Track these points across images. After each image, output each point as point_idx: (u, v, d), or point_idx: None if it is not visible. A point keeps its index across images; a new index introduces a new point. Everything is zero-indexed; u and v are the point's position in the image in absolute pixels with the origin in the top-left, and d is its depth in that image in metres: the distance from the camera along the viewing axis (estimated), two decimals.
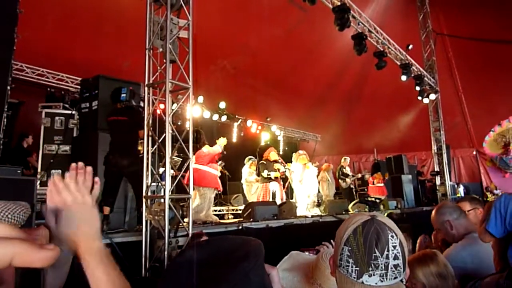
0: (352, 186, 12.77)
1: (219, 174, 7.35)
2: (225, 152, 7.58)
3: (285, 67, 13.24)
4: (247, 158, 10.50)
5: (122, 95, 5.68)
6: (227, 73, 12.03)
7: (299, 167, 9.36)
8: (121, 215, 5.56)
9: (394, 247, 1.10)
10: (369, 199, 10.48)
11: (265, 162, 8.75)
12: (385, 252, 1.08)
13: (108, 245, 4.68)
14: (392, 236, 1.11)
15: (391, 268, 1.08)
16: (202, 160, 7.03)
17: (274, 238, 6.43)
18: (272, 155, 8.94)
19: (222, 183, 7.81)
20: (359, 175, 13.46)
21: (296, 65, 13.39)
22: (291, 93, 14.58)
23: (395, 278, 1.09)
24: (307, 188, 9.28)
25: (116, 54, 9.57)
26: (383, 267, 1.08)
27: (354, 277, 1.09)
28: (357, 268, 1.09)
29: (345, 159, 13.07)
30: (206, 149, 7.10)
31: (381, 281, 1.08)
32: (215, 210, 8.97)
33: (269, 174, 8.55)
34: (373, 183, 12.44)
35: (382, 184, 12.43)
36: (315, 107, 15.76)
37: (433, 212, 2.80)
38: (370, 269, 1.08)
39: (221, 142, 7.32)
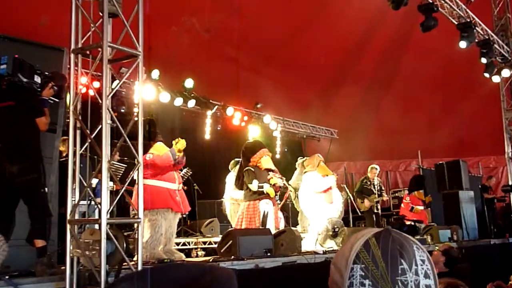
0: (377, 207, 12.79)
1: (176, 186, 7.28)
2: (182, 159, 7.42)
3: (284, 31, 13.25)
4: (233, 162, 10.41)
5: (1, 67, 5.45)
6: (197, 37, 12.00)
7: (318, 179, 9.32)
8: (32, 250, 5.48)
9: (423, 261, 1.16)
10: (406, 222, 10.57)
11: (253, 169, 8.72)
12: (414, 266, 1.13)
13: None
14: (418, 249, 1.17)
15: None
16: (145, 172, 6.97)
17: (267, 285, 6.40)
18: (265, 161, 8.89)
19: (189, 203, 7.77)
20: (386, 197, 13.26)
21: (301, 28, 13.41)
22: (293, 69, 14.58)
23: None
24: (334, 210, 9.29)
25: (27, 6, 9.49)
26: (414, 286, 1.12)
27: None
28: None
29: (372, 168, 13.01)
30: (150, 154, 7.00)
31: None
32: (177, 244, 8.92)
33: (261, 187, 8.52)
34: (411, 211, 12.52)
35: (421, 207, 12.51)
36: (328, 89, 15.81)
37: None
38: None
39: (179, 145, 7.11)
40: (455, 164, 13.68)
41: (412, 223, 10.72)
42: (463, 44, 11.74)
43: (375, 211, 12.67)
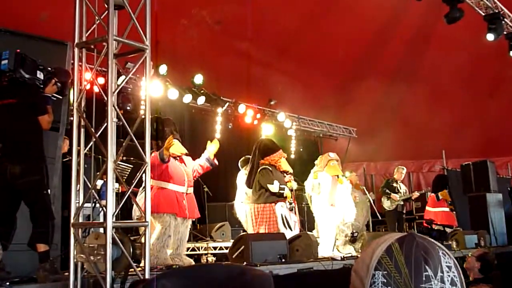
0: (401, 208, 12.80)
1: (184, 189, 7.27)
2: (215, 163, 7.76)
3: (298, 22, 13.21)
4: (243, 159, 10.36)
5: (3, 62, 5.49)
6: (206, 30, 12.01)
7: (327, 179, 9.31)
8: (34, 255, 5.52)
9: (449, 268, 1.16)
10: (435, 227, 10.51)
11: (270, 169, 8.70)
12: (439, 273, 1.14)
13: None
14: (444, 254, 1.18)
15: None
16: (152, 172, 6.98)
17: None
18: (284, 162, 8.91)
19: (198, 206, 7.79)
20: (416, 194, 13.46)
21: (317, 19, 13.37)
22: (309, 63, 14.55)
23: None
24: (338, 213, 9.26)
25: None
26: None
27: None
28: None
29: (399, 169, 13.12)
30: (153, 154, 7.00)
31: None
32: (186, 249, 8.95)
33: (282, 189, 8.50)
34: (437, 200, 12.43)
35: (447, 209, 12.45)
36: (347, 85, 15.75)
37: None
38: None
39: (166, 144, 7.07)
40: (482, 165, 13.59)
41: (442, 228, 10.64)
42: (490, 37, 11.65)
43: (399, 210, 12.68)
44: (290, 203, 8.97)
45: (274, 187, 8.43)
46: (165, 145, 6.96)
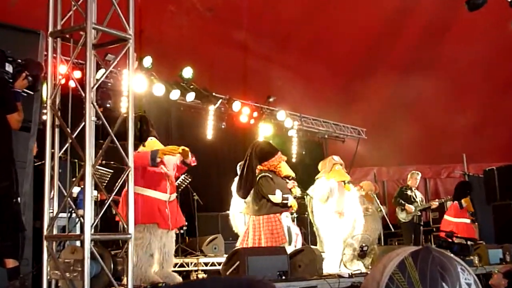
0: (419, 218, 12.83)
1: (167, 197, 7.22)
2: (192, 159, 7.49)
3: (301, 9, 13.23)
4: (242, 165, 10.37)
5: None
6: (197, 17, 12.02)
7: (334, 186, 9.31)
8: (2, 271, 5.51)
9: (469, 285, 1.16)
10: (455, 240, 10.50)
11: (270, 176, 8.69)
12: None
13: None
14: (463, 270, 1.18)
15: None
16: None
17: None
18: (284, 166, 8.90)
19: (187, 216, 7.77)
20: (435, 203, 13.49)
21: (322, 7, 13.39)
22: (312, 56, 14.56)
23: None
24: (346, 225, 9.26)
25: None
26: None
27: None
28: None
29: (413, 174, 13.12)
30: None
31: None
32: (175, 265, 8.94)
33: (286, 199, 8.49)
34: (461, 208, 12.42)
35: (468, 221, 12.44)
36: (355, 80, 15.76)
37: None
38: None
39: (168, 148, 6.89)
40: (507, 170, 13.60)
41: (463, 241, 10.62)
42: None
43: (416, 221, 12.69)
44: (292, 213, 8.97)
45: (276, 198, 8.40)
46: (168, 150, 6.86)
